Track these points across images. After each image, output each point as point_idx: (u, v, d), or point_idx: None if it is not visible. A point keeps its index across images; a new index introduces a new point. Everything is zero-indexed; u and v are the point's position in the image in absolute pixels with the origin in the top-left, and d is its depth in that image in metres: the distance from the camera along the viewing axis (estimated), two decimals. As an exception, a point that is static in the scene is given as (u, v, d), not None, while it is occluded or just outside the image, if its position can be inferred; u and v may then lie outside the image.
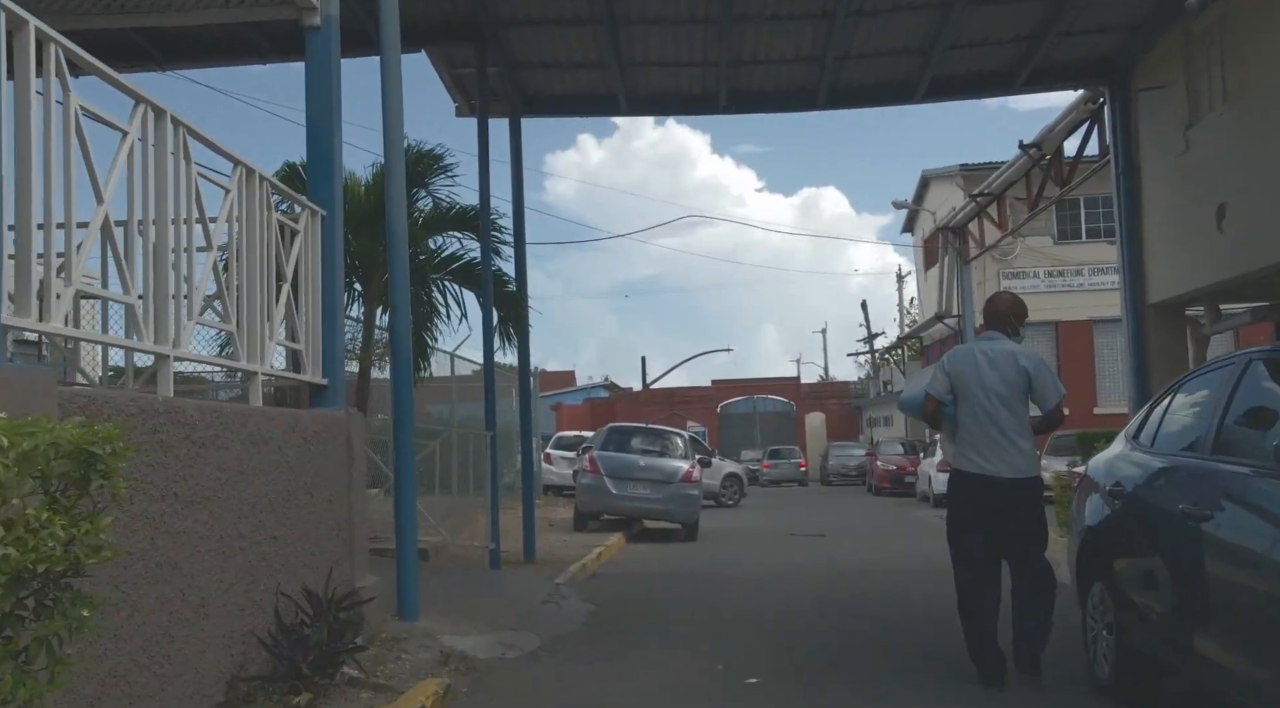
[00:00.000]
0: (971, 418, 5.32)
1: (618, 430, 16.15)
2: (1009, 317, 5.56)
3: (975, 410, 5.30)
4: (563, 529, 15.57)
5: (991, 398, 5.28)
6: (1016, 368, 5.32)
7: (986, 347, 5.45)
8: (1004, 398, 5.28)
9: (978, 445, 5.31)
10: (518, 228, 11.02)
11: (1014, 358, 5.35)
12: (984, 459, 5.29)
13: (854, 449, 38.16)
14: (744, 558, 12.94)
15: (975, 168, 27.47)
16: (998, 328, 5.53)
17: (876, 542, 15.04)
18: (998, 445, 5.26)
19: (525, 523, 10.64)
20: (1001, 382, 5.29)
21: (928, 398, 5.52)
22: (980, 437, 5.29)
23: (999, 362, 5.32)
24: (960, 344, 6.13)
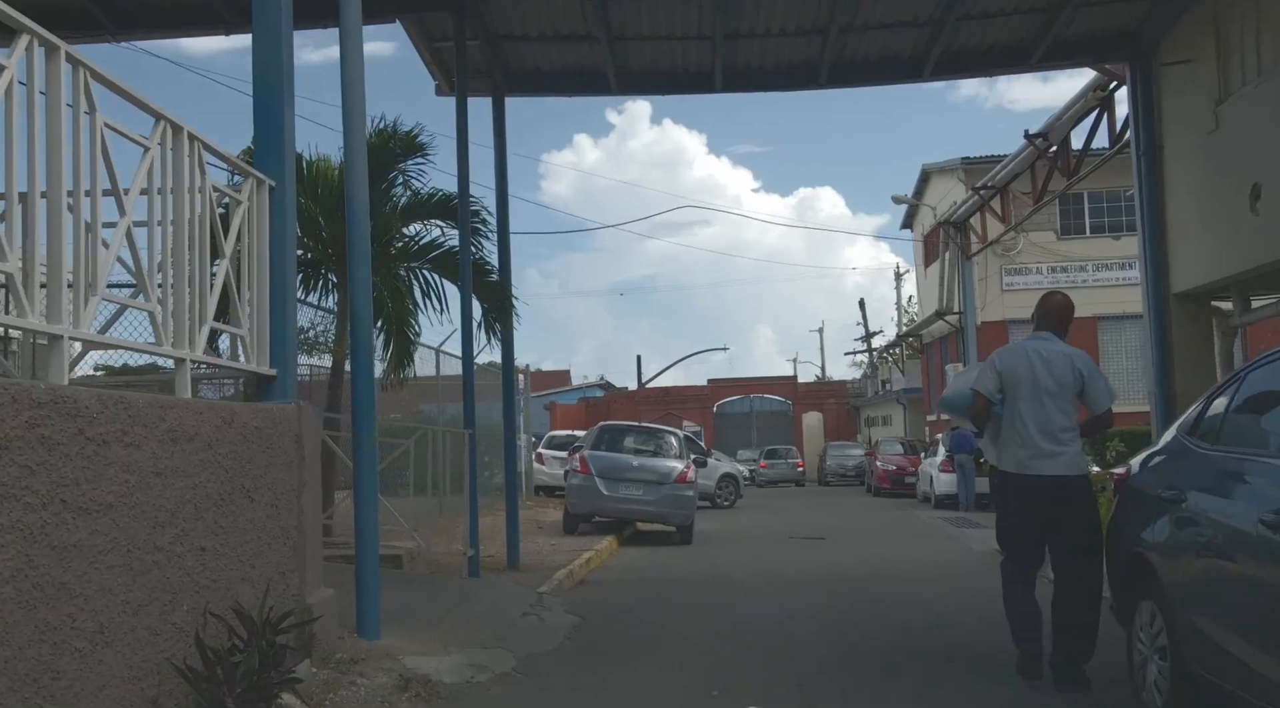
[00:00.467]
0: (1022, 417, 5.28)
1: (610, 429, 15.52)
2: (1061, 318, 5.54)
3: (1027, 410, 5.27)
4: (552, 532, 14.93)
5: (1044, 398, 5.25)
6: (1072, 369, 5.31)
7: (1040, 347, 5.40)
8: (1056, 399, 5.26)
9: (1028, 445, 5.26)
10: (501, 216, 10.39)
11: (1069, 359, 5.34)
12: (1033, 459, 5.25)
13: (852, 449, 37.56)
14: (741, 563, 12.30)
15: (977, 161, 26.86)
16: (1050, 328, 5.50)
17: (879, 545, 14.41)
18: (1048, 446, 5.23)
19: (509, 527, 10.00)
20: (1055, 382, 5.27)
21: (976, 395, 5.44)
22: (1031, 437, 5.25)
23: (1053, 362, 5.30)
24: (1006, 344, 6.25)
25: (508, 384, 10.22)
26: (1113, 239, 26.87)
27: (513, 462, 10.05)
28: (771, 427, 44.30)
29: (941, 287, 27.81)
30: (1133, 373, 26.78)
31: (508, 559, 9.99)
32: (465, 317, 8.95)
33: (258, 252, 5.19)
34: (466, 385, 8.89)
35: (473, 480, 8.46)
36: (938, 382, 32.36)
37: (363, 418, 5.70)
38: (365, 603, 5.57)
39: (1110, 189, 26.73)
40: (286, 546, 5.03)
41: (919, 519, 19.35)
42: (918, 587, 10.03)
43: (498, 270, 10.15)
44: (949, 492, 21.65)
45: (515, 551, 9.91)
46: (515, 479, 10.01)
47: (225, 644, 4.16)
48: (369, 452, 5.72)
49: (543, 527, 15.70)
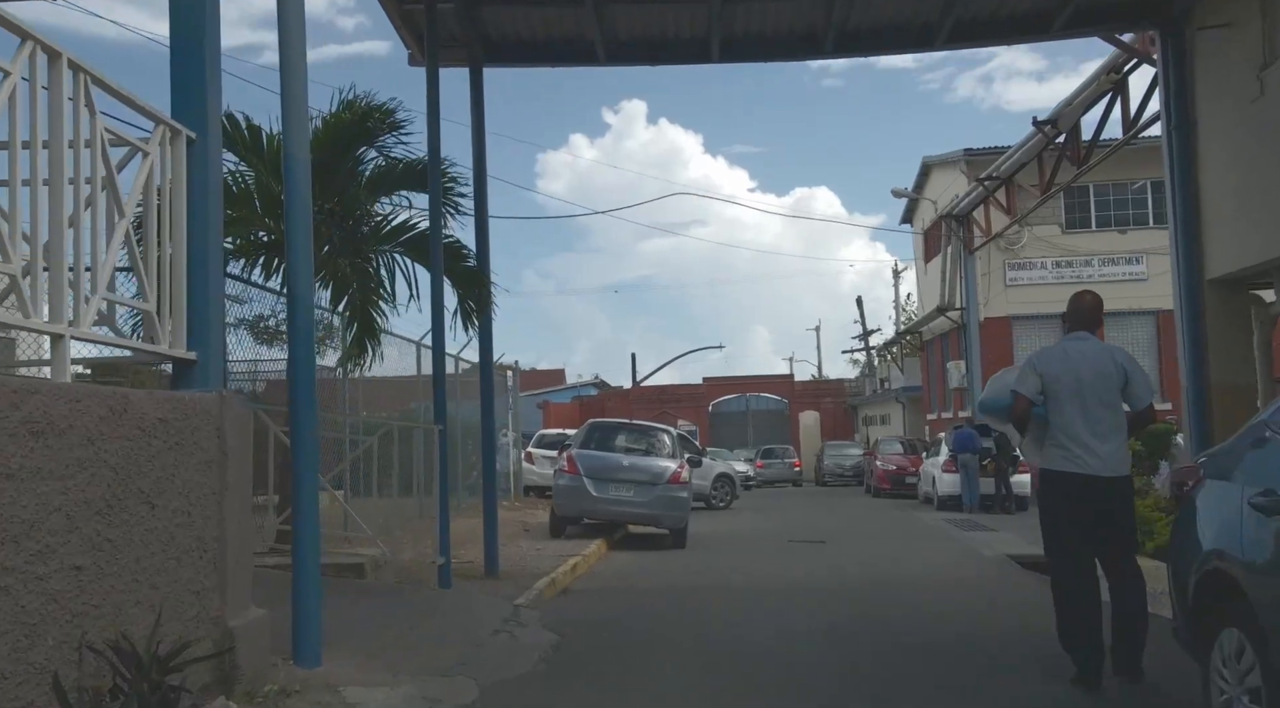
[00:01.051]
0: (1069, 417, 5.26)
1: (599, 427, 14.74)
2: (1095, 316, 5.59)
3: (1073, 409, 5.25)
4: (539, 536, 14.15)
5: (1089, 397, 5.25)
6: (1114, 365, 5.32)
7: (1079, 346, 5.43)
8: (1101, 397, 5.26)
9: (1076, 444, 5.23)
10: (479, 197, 9.61)
11: (1110, 356, 5.38)
12: (1084, 457, 5.22)
13: (850, 448, 36.80)
14: (738, 569, 11.54)
15: (980, 153, 26.09)
16: (1084, 327, 5.54)
17: (883, 549, 13.65)
18: (1096, 444, 5.21)
19: (486, 531, 9.21)
20: (1099, 380, 5.27)
21: (1019, 398, 5.38)
22: (1078, 436, 5.23)
23: (1095, 360, 5.32)
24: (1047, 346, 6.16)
25: (486, 379, 9.44)
26: (1119, 233, 26.15)
27: (491, 461, 9.27)
28: (768, 426, 43.54)
29: (943, 282, 27.06)
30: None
31: (485, 566, 9.21)
32: (436, 300, 8.17)
33: (174, 214, 4.41)
34: (436, 379, 8.09)
35: (443, 481, 7.67)
36: (938, 380, 31.63)
37: (302, 411, 4.92)
38: (303, 625, 4.79)
39: (1117, 181, 26.01)
40: (203, 560, 4.25)
41: (922, 521, 18.60)
42: (928, 596, 9.28)
43: (475, 256, 9.37)
44: (952, 493, 20.91)
45: (493, 557, 9.13)
46: (495, 479, 9.22)
47: (108, 685, 3.39)
48: (309, 449, 4.94)
49: (529, 530, 14.92)
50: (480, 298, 9.21)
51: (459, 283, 9.21)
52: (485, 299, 9.29)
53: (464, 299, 9.23)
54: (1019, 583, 10.50)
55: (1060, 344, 5.55)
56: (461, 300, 9.24)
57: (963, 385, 26.56)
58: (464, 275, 9.23)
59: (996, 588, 10.14)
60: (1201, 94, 8.59)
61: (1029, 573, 11.45)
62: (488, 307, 9.33)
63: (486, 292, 9.26)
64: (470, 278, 9.23)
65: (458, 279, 9.20)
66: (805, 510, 21.98)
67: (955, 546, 14.23)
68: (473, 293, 9.21)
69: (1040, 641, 6.43)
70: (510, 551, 11.84)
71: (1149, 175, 26.04)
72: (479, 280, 9.26)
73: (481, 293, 9.21)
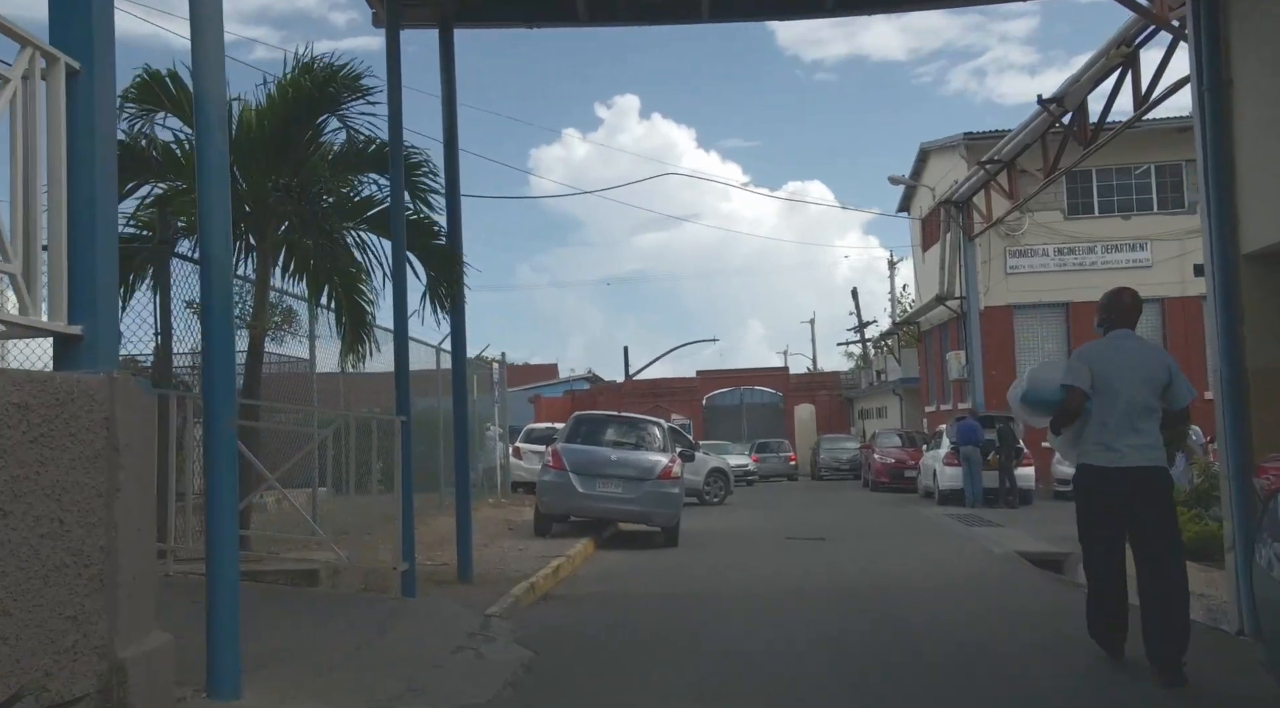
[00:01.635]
0: (1112, 411, 5.31)
1: (586, 420, 13.99)
2: (1135, 314, 5.64)
3: (1116, 405, 5.31)
4: (523, 534, 13.41)
5: (1134, 394, 5.31)
6: (1161, 364, 5.43)
7: (1126, 344, 5.50)
8: (1144, 395, 5.33)
9: (1116, 438, 5.28)
10: (450, 169, 8.85)
11: (1157, 355, 5.52)
12: (1127, 449, 5.25)
13: (846, 442, 36.14)
14: (733, 570, 10.82)
15: (981, 137, 25.36)
16: (1127, 325, 5.58)
17: (886, 546, 12.94)
18: (1136, 439, 5.27)
19: (459, 531, 8.46)
20: (1145, 379, 5.35)
21: (1073, 390, 5.35)
22: (1119, 430, 5.28)
23: (1143, 358, 5.42)
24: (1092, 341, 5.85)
25: (458, 366, 8.67)
26: (1123, 219, 25.46)
27: (463, 454, 8.51)
28: (762, 419, 42.88)
29: (942, 270, 26.35)
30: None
31: (458, 570, 8.46)
32: (398, 280, 7.39)
33: (52, 159, 3.65)
34: (399, 368, 7.30)
35: (406, 478, 6.90)
36: (936, 371, 30.93)
37: (217, 395, 4.16)
38: (218, 649, 4.04)
39: (1120, 166, 25.31)
40: (81, 577, 3.49)
41: (924, 516, 17.90)
42: (941, 600, 8.57)
43: (446, 234, 8.61)
44: (954, 487, 20.21)
45: (467, 559, 8.37)
46: (469, 475, 8.47)
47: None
48: (225, 441, 4.18)
49: (514, 528, 14.19)
50: (452, 279, 8.45)
51: (429, 263, 8.46)
52: (457, 280, 8.54)
53: (435, 281, 8.48)
54: (1036, 584, 9.80)
55: (1108, 341, 5.56)
56: (432, 283, 8.49)
57: (962, 377, 25.87)
58: (434, 255, 8.48)
59: (1010, 588, 9.43)
60: (1238, 51, 7.88)
61: (1043, 572, 10.75)
62: (460, 288, 8.58)
63: (458, 272, 8.51)
64: (441, 257, 8.48)
65: (427, 258, 8.45)
66: (802, 505, 21.29)
67: (961, 542, 13.53)
68: (444, 273, 8.45)
69: (1074, 653, 5.73)
70: (490, 551, 11.10)
71: (1154, 159, 25.36)
72: (451, 260, 8.51)
73: (453, 273, 8.46)
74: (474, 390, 20.01)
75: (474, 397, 19.95)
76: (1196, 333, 25.29)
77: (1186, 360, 22.77)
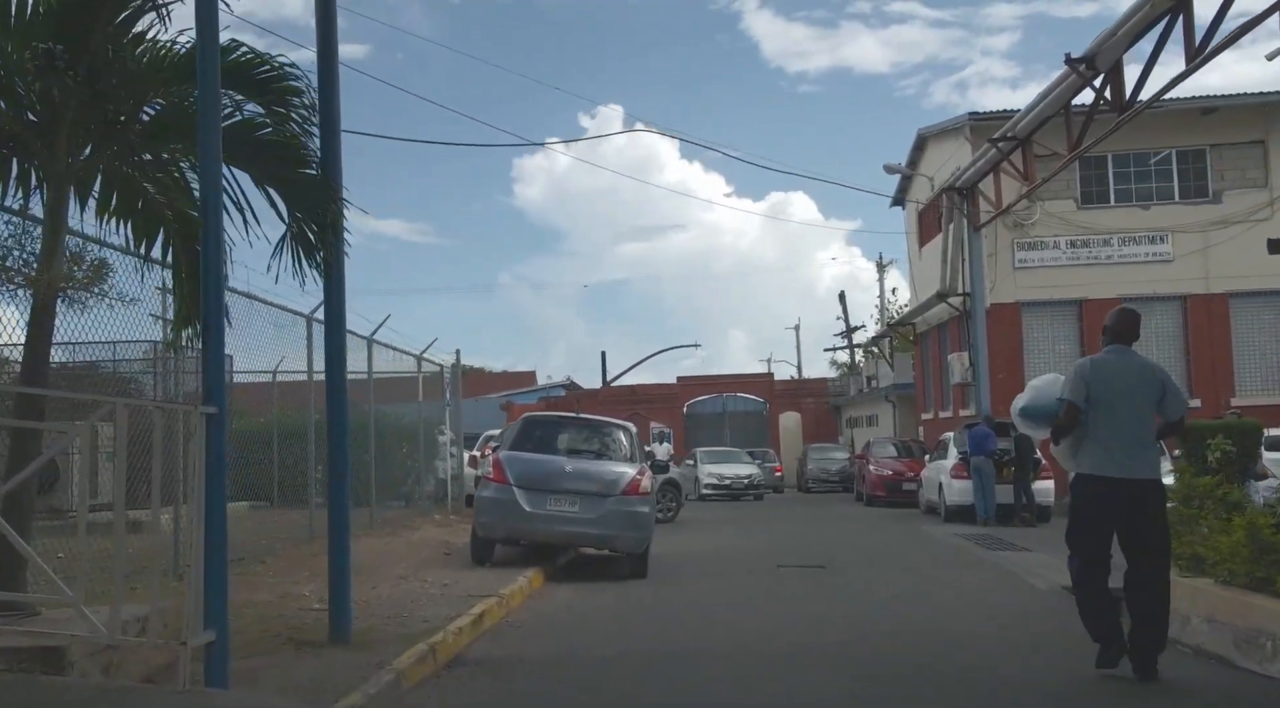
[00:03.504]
0: (1108, 424, 5.56)
1: (536, 423, 11.58)
2: (1134, 331, 5.86)
3: (1114, 417, 5.56)
4: (458, 561, 11.04)
5: (1129, 406, 5.57)
6: (1155, 379, 5.68)
7: (1123, 359, 5.73)
8: (1139, 407, 5.59)
9: (1114, 449, 5.52)
10: (325, 85, 6.49)
11: (1151, 370, 5.76)
12: (1120, 461, 5.50)
13: (835, 452, 33.86)
14: (720, 611, 8.49)
15: (987, 117, 23.19)
16: (1125, 341, 5.81)
17: (900, 577, 10.64)
18: (1136, 450, 5.52)
19: (332, 576, 6.04)
20: (1140, 391, 5.60)
21: (1070, 405, 5.63)
22: (1121, 442, 5.52)
23: (1138, 373, 5.67)
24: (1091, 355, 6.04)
25: (335, 342, 6.23)
26: (1141, 208, 23.30)
27: (340, 462, 6.08)
28: (746, 428, 40.59)
29: (944, 264, 24.12)
30: (1164, 364, 22.94)
31: (331, 625, 6.04)
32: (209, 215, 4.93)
33: None
34: (208, 338, 4.80)
35: (214, 500, 4.46)
36: (935, 375, 28.69)
37: None
38: None
39: (1138, 150, 23.19)
40: None
41: (934, 537, 15.59)
42: (998, 660, 6.25)
43: (320, 161, 6.24)
44: (963, 502, 17.93)
45: (342, 613, 5.95)
46: (346, 490, 6.05)
47: None
48: None
49: (451, 553, 11.81)
50: (324, 223, 6.08)
51: (294, 200, 6.08)
52: (334, 225, 6.16)
53: (302, 223, 6.11)
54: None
55: (1104, 356, 5.80)
56: (299, 226, 6.12)
57: (965, 380, 23.63)
58: (302, 188, 6.11)
59: (1080, 642, 7.13)
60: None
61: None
62: (338, 236, 6.21)
63: (334, 212, 6.13)
64: (311, 192, 6.11)
65: (292, 195, 6.08)
66: (792, 523, 18.91)
67: (990, 572, 11.23)
68: (313, 215, 6.08)
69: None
70: (403, 589, 8.71)
71: (1175, 143, 23.23)
72: (324, 196, 6.13)
73: (324, 215, 6.09)
74: (420, 393, 17.68)
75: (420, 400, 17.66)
76: (1222, 333, 23.20)
77: (1211, 363, 20.50)
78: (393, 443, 16.60)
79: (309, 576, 9.21)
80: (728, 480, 27.07)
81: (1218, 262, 22.71)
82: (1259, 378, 22.91)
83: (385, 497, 15.81)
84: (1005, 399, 23.41)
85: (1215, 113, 22.48)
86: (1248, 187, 22.80)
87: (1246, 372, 22.88)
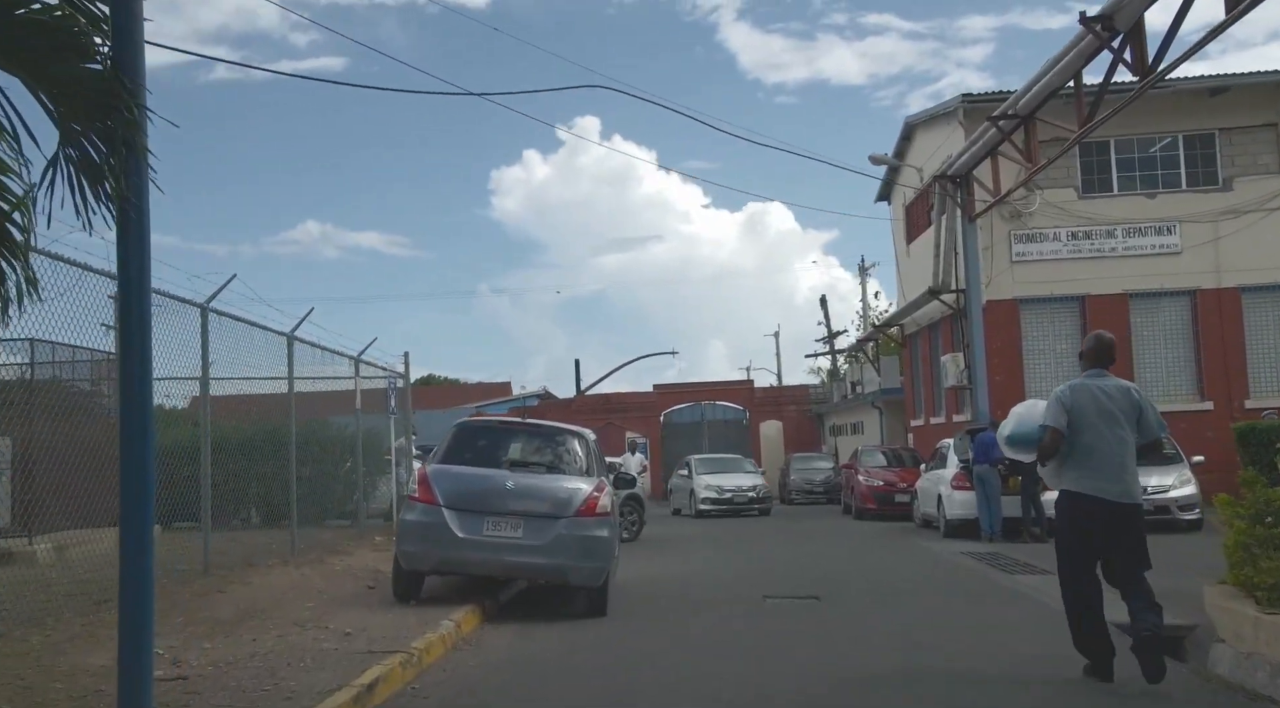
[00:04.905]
0: (1087, 446, 5.81)
1: (472, 430, 9.67)
2: (1110, 354, 6.07)
3: (1092, 439, 5.81)
4: (380, 597, 9.14)
5: (1108, 428, 5.81)
6: (1131, 401, 5.90)
7: (1101, 383, 5.95)
8: (1118, 428, 5.82)
9: (1093, 470, 5.79)
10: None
11: (1128, 392, 5.95)
12: (1104, 483, 5.76)
13: (819, 461, 32.12)
14: (696, 666, 6.62)
15: (982, 98, 21.58)
16: (1102, 365, 6.04)
17: (915, 611, 8.83)
18: (1114, 471, 5.77)
19: (123, 647, 4.14)
20: (1117, 413, 5.84)
21: (1052, 431, 5.87)
22: (1100, 462, 5.78)
23: (1115, 395, 5.89)
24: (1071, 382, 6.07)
25: (133, 324, 4.33)
26: (1146, 197, 21.72)
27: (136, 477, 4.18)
28: (725, 437, 38.76)
29: (936, 258, 22.44)
30: (1172, 364, 21.63)
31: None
32: None
33: None
34: None
35: None
36: (925, 379, 27.01)
37: None
38: None
39: (1143, 135, 21.64)
40: None
41: (938, 557, 13.81)
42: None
43: (110, 55, 4.37)
44: (966, 516, 16.18)
45: (136, 695, 4.07)
46: (146, 527, 4.16)
47: None
48: None
49: (375, 587, 9.90)
50: (112, 136, 4.22)
51: (69, 102, 4.22)
52: (120, 138, 4.27)
53: (82, 138, 4.25)
54: (1195, 694, 5.66)
55: (1082, 381, 6.00)
56: (79, 142, 4.26)
57: (960, 382, 21.92)
58: (84, 88, 4.24)
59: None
60: None
61: (1176, 664, 6.68)
62: (135, 159, 4.33)
63: (129, 123, 4.25)
64: (94, 94, 4.24)
65: (66, 94, 4.21)
66: (775, 540, 17.06)
67: (1014, 602, 9.44)
68: (96, 123, 4.22)
69: None
70: (290, 644, 6.80)
71: (1181, 128, 21.67)
72: (112, 100, 4.25)
73: (116, 126, 4.22)
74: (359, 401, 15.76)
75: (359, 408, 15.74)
76: (1234, 330, 21.61)
77: (1223, 362, 18.80)
78: (327, 457, 14.69)
79: (182, 624, 7.32)
80: (728, 493, 24.18)
81: (1229, 254, 21.14)
82: (1274, 378, 21.32)
83: (317, 518, 13.92)
84: (1003, 402, 21.65)
85: (1225, 94, 20.93)
86: (1260, 173, 21.25)
87: (1261, 371, 21.28)
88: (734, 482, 24.49)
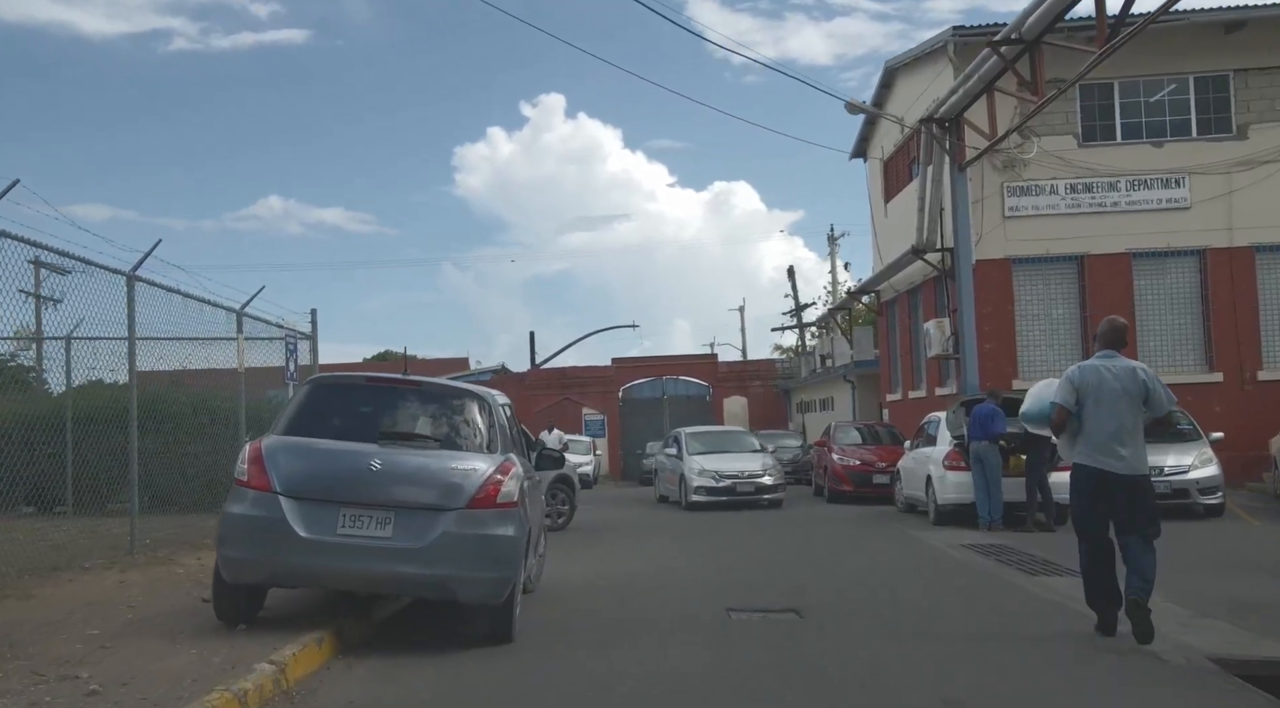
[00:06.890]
0: (1096, 421, 6.25)
1: (329, 389, 7.05)
2: (1121, 338, 6.49)
3: (1101, 414, 6.25)
4: (204, 618, 6.64)
5: (1115, 405, 6.22)
6: (1137, 381, 6.27)
7: (1109, 363, 6.36)
8: (1126, 406, 6.23)
9: (1103, 446, 6.23)
10: None
11: (1135, 372, 6.31)
12: (1110, 457, 6.20)
13: (787, 439, 29.84)
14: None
15: (975, 32, 19.29)
16: (1113, 347, 6.45)
17: (920, 632, 6.48)
18: (1121, 447, 6.20)
19: None
20: (1125, 392, 6.23)
21: (1059, 408, 6.38)
22: (1108, 439, 6.21)
23: (1123, 375, 6.29)
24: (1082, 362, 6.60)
25: None
26: (1153, 146, 19.58)
27: None
28: (687, 414, 36.40)
29: (921, 213, 20.16)
30: (1179, 331, 19.54)
31: None
32: None
33: None
34: None
35: None
36: (904, 349, 24.82)
37: None
38: None
39: (1149, 77, 19.46)
40: None
41: (934, 551, 11.54)
42: None
43: None
44: (960, 500, 13.97)
45: None
46: None
47: None
48: None
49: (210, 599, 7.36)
50: None
51: None
52: None
53: None
54: None
55: (1092, 362, 6.44)
56: None
57: (945, 350, 19.72)
58: None
59: None
60: None
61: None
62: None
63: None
64: None
65: None
66: (738, 531, 14.66)
67: (1044, 615, 7.12)
68: None
69: None
70: (26, 701, 4.30)
71: (1192, 68, 19.45)
72: None
73: None
74: (241, 365, 13.13)
75: (241, 370, 13.11)
76: (1246, 292, 19.52)
77: (1234, 327, 16.67)
78: (197, 433, 12.12)
79: None
80: (727, 480, 18.43)
81: (1242, 209, 19.06)
82: None
83: (172, 508, 11.39)
84: (994, 373, 19.35)
85: (1242, 29, 18.78)
86: (1278, 120, 19.16)
87: (1276, 339, 19.28)
88: (736, 465, 18.80)
